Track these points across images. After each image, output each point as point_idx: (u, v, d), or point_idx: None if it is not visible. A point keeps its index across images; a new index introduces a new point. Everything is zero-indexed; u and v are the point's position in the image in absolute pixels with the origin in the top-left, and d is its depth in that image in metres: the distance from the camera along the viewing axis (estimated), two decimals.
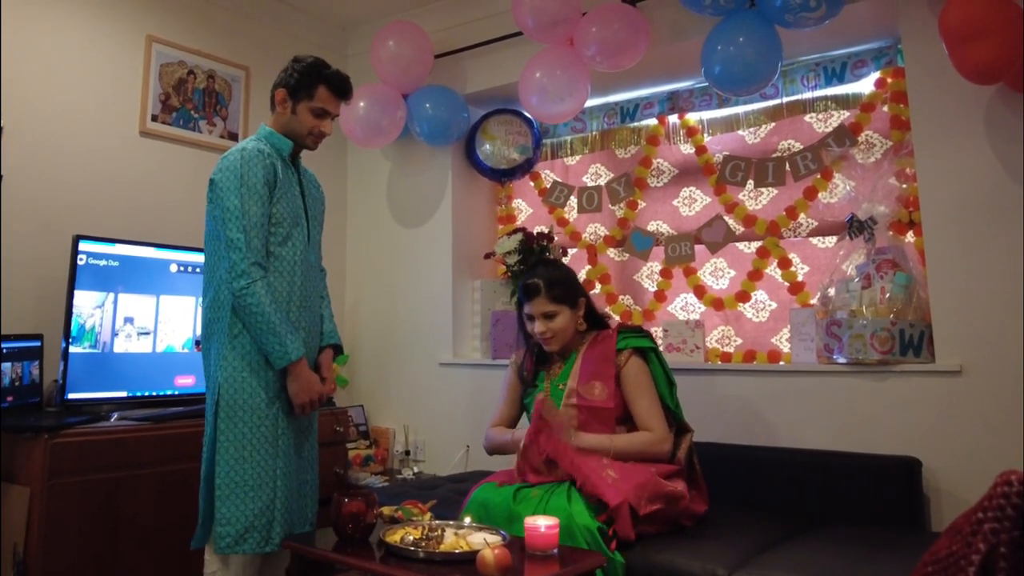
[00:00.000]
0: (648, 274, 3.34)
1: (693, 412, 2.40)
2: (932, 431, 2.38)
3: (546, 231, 3.37)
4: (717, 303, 3.08)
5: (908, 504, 2.28)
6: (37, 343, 2.58)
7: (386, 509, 1.93)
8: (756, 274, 3.00)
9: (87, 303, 2.63)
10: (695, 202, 3.25)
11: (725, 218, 3.02)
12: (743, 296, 3.03)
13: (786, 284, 2.93)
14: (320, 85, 2.18)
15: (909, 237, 2.65)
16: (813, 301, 2.79)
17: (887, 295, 2.46)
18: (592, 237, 3.50)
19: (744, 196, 3.09)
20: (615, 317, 3.31)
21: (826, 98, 2.93)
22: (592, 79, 3.06)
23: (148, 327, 2.80)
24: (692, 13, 2.71)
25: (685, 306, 3.22)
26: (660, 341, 3.02)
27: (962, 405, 2.34)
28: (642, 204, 3.37)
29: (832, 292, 2.61)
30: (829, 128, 2.91)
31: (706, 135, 3.21)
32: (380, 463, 3.54)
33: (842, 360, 2.52)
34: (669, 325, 3.00)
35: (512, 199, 3.80)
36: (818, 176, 2.85)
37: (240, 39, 3.51)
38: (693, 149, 3.23)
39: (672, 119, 3.30)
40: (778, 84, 2.96)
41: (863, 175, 2.72)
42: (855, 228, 2.61)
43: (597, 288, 3.42)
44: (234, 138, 3.40)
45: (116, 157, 3.01)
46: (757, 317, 3.03)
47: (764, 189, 3.02)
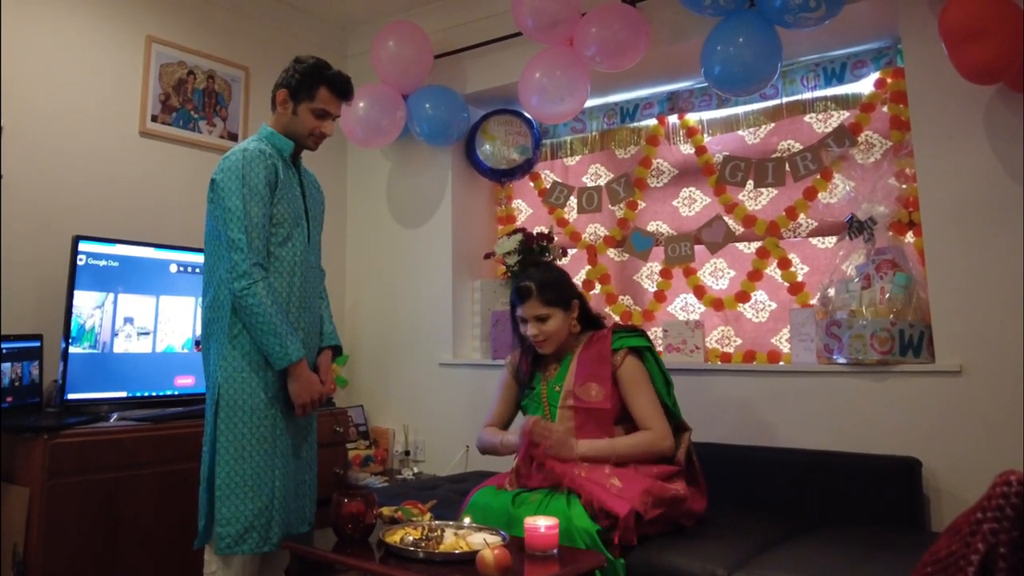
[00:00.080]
0: (648, 274, 3.34)
1: (693, 412, 2.40)
2: (932, 431, 2.38)
3: (546, 231, 3.38)
4: (717, 303, 3.08)
5: (908, 504, 2.28)
6: (37, 343, 2.58)
7: (386, 509, 1.93)
8: (756, 274, 3.00)
9: (87, 303, 2.63)
10: (695, 202, 3.25)
11: (725, 218, 3.02)
12: (743, 296, 3.03)
13: (786, 284, 2.93)
14: (321, 86, 2.18)
15: (909, 237, 2.65)
16: (813, 301, 2.79)
17: (887, 295, 2.46)
18: (592, 237, 3.50)
19: (744, 196, 3.09)
20: (615, 318, 3.32)
21: (826, 98, 2.93)
22: (592, 79, 3.06)
23: (148, 327, 2.80)
24: (692, 13, 2.71)
25: (685, 306, 3.22)
26: (660, 341, 3.02)
27: (962, 405, 2.34)
28: (642, 204, 3.37)
29: (832, 292, 2.61)
30: (829, 128, 2.91)
31: (706, 135, 3.21)
32: (380, 463, 3.54)
33: (842, 360, 2.52)
34: (669, 325, 3.00)
35: (512, 199, 3.80)
36: (818, 176, 2.85)
37: (240, 39, 3.51)
38: (693, 149, 3.23)
39: (672, 119, 3.30)
40: (778, 84, 2.96)
41: (863, 175, 2.72)
42: (855, 228, 2.61)
43: (597, 288, 3.42)
44: (234, 138, 3.40)
45: (116, 157, 3.01)
46: (757, 317, 3.03)
47: (764, 189, 3.02)
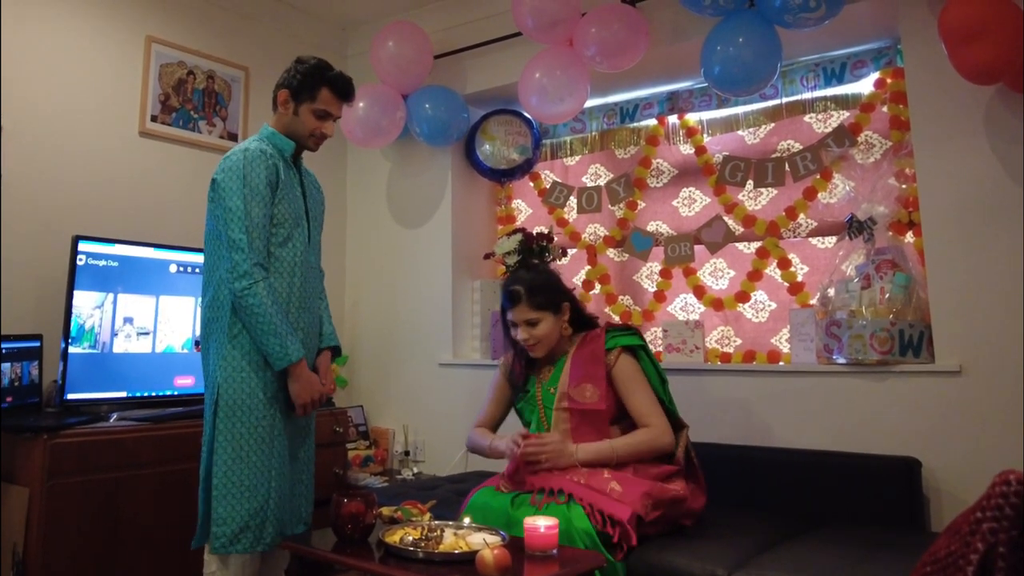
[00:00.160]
0: (648, 274, 3.34)
1: (693, 412, 2.40)
2: (931, 431, 2.38)
3: (546, 231, 3.37)
4: (717, 303, 3.08)
5: (908, 504, 2.28)
6: (36, 343, 2.58)
7: (385, 509, 1.93)
8: (756, 274, 3.00)
9: (86, 303, 2.63)
10: (695, 202, 3.25)
11: (725, 218, 3.02)
12: (743, 296, 3.02)
13: (786, 284, 2.93)
14: (323, 87, 2.17)
15: (908, 237, 2.65)
16: (813, 301, 2.79)
17: (887, 295, 2.46)
18: (592, 237, 3.50)
19: (744, 196, 3.09)
20: (615, 318, 3.32)
21: (826, 98, 2.93)
22: (592, 79, 3.06)
23: (147, 327, 2.80)
24: (692, 13, 2.71)
25: (685, 306, 3.22)
26: (660, 341, 3.02)
27: (961, 405, 2.34)
28: (642, 204, 3.37)
29: (832, 292, 2.61)
30: (829, 128, 2.91)
31: (706, 135, 3.21)
32: (380, 463, 3.54)
33: (842, 360, 2.52)
34: (669, 325, 3.00)
35: (512, 199, 3.80)
36: (818, 176, 2.85)
37: (240, 39, 3.51)
38: (693, 149, 3.23)
39: (672, 119, 3.30)
40: (778, 84, 2.96)
41: (863, 175, 2.72)
42: (855, 228, 2.61)
43: (597, 288, 3.43)
44: (233, 138, 3.40)
45: (116, 157, 3.01)
46: (757, 317, 3.02)
47: (764, 189, 3.02)
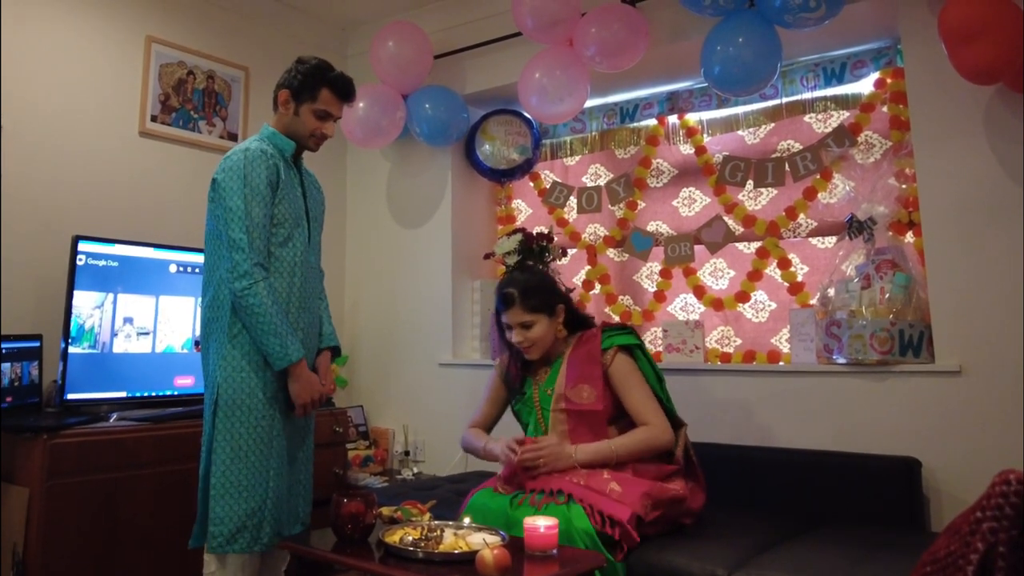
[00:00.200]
0: (648, 274, 3.34)
1: (692, 413, 2.40)
2: (931, 431, 2.38)
3: (546, 231, 3.37)
4: (717, 303, 3.08)
5: (908, 504, 2.28)
6: (36, 343, 2.58)
7: (385, 509, 1.93)
8: (756, 274, 3.00)
9: (86, 303, 2.63)
10: (695, 202, 3.25)
11: (725, 218, 3.02)
12: (743, 296, 3.02)
13: (786, 284, 2.93)
14: (324, 87, 2.17)
15: (909, 237, 2.65)
16: (813, 301, 2.78)
17: (886, 295, 2.45)
18: (592, 237, 3.50)
19: (744, 196, 3.08)
20: (615, 318, 3.32)
21: (825, 98, 2.93)
22: (592, 79, 3.06)
23: (147, 327, 2.80)
24: (692, 13, 2.71)
25: (685, 306, 3.22)
26: (660, 341, 3.02)
27: (961, 405, 2.34)
28: (642, 204, 3.37)
29: (832, 292, 2.61)
30: (829, 128, 2.91)
31: (706, 135, 3.21)
32: (379, 463, 3.54)
33: (842, 360, 2.52)
34: (669, 325, 2.99)
35: (512, 199, 3.80)
36: (817, 176, 2.85)
37: (239, 39, 3.51)
38: (693, 149, 3.23)
39: (672, 119, 3.30)
40: (777, 84, 2.96)
41: (862, 175, 2.72)
42: (855, 228, 2.61)
43: (597, 288, 3.42)
44: (233, 138, 3.40)
45: (116, 157, 3.01)
46: (757, 317, 3.02)
47: (764, 189, 3.02)
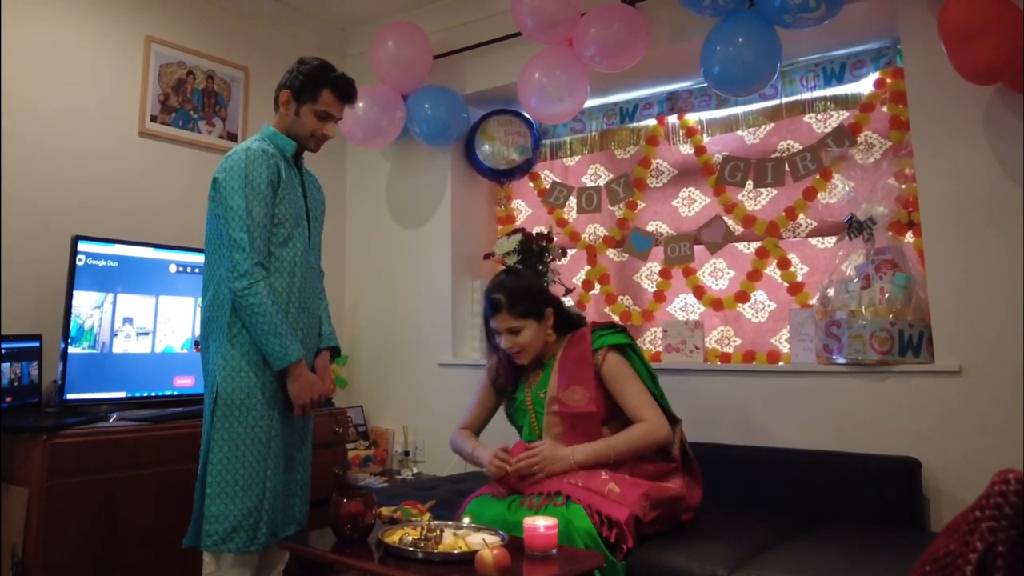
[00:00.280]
0: (647, 274, 3.34)
1: (692, 413, 2.40)
2: (931, 431, 2.38)
3: (545, 232, 3.37)
4: (716, 303, 3.08)
5: (907, 504, 2.28)
6: (36, 343, 2.58)
7: (385, 510, 1.93)
8: (755, 274, 3.00)
9: (86, 303, 2.63)
10: (694, 202, 3.25)
11: (724, 218, 3.02)
12: (742, 296, 3.02)
13: (785, 284, 2.93)
14: (325, 88, 2.17)
15: (908, 237, 2.65)
16: (812, 301, 2.78)
17: (886, 295, 2.45)
18: (591, 237, 3.50)
19: (743, 196, 3.08)
20: (615, 318, 3.31)
21: (825, 98, 2.93)
22: (591, 79, 3.06)
23: (147, 327, 2.80)
24: (691, 13, 2.71)
25: (684, 306, 3.22)
26: (660, 341, 3.02)
27: (961, 405, 2.34)
28: (641, 204, 3.37)
29: (831, 292, 2.61)
30: (828, 128, 2.91)
31: (705, 135, 3.21)
32: (379, 464, 3.53)
33: (841, 360, 2.52)
34: (668, 325, 2.99)
35: (511, 199, 3.80)
36: (817, 176, 2.85)
37: (239, 40, 3.51)
38: (692, 149, 3.23)
39: (671, 119, 3.30)
40: (777, 84, 2.96)
41: (862, 175, 2.72)
42: (854, 228, 2.61)
43: (596, 288, 3.42)
44: (233, 138, 3.40)
45: (115, 157, 3.01)
46: (756, 317, 3.02)
47: (763, 189, 3.02)
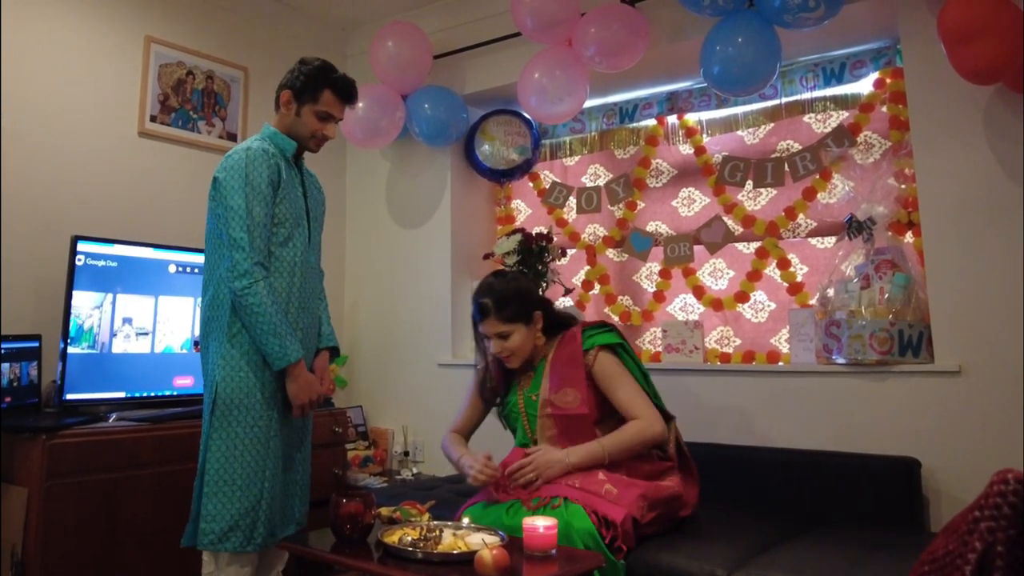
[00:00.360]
0: (647, 275, 3.34)
1: (692, 413, 2.40)
2: (931, 432, 2.38)
3: (545, 232, 3.37)
4: (716, 304, 3.08)
5: (907, 504, 2.28)
6: (35, 344, 2.58)
7: (384, 510, 1.93)
8: (755, 274, 3.00)
9: (85, 303, 2.63)
10: (694, 202, 3.25)
11: (724, 218, 3.02)
12: (742, 297, 3.02)
13: (785, 284, 2.93)
14: (326, 89, 2.16)
15: (908, 237, 2.65)
16: (812, 302, 2.78)
17: (886, 295, 2.45)
18: (591, 238, 3.50)
19: (743, 196, 3.08)
20: (614, 318, 3.31)
21: (825, 98, 2.93)
22: (591, 80, 3.06)
23: (147, 327, 2.80)
24: (691, 13, 2.71)
25: (684, 307, 3.22)
26: (659, 342, 3.02)
27: (961, 406, 2.34)
28: (641, 205, 3.37)
29: (831, 292, 2.61)
30: (828, 128, 2.91)
31: (705, 136, 3.21)
32: (379, 464, 3.53)
33: (841, 361, 2.52)
34: (668, 326, 2.99)
35: (511, 199, 3.80)
36: (817, 176, 2.85)
37: (239, 40, 3.51)
38: (692, 150, 3.23)
39: (671, 120, 3.30)
40: (777, 85, 2.96)
41: (862, 175, 2.72)
42: (854, 228, 2.61)
43: (596, 289, 3.42)
44: (233, 138, 3.40)
45: (115, 158, 3.01)
46: (756, 318, 3.02)
47: (763, 189, 3.02)
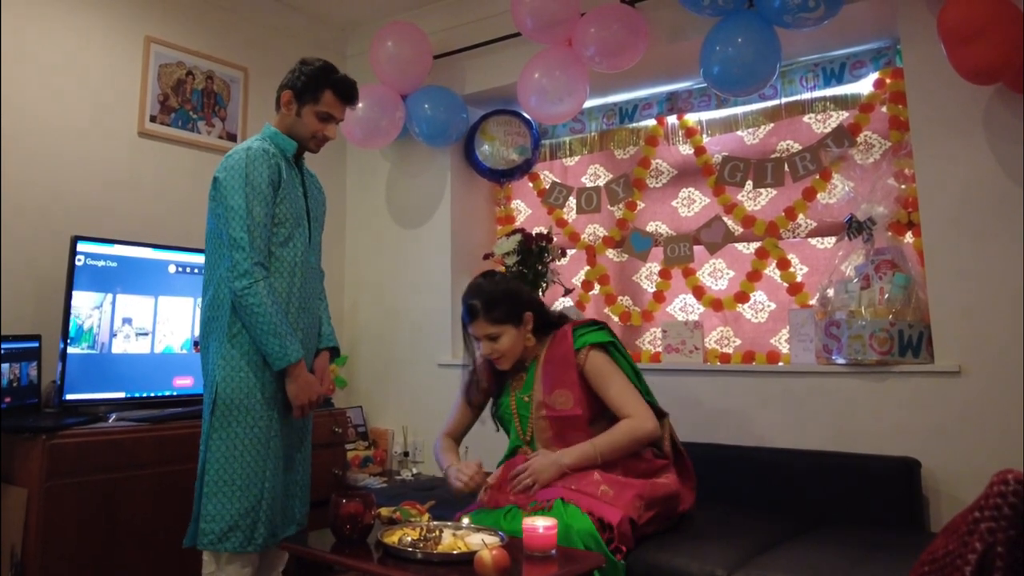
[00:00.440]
0: (647, 275, 3.34)
1: (692, 413, 2.40)
2: (931, 432, 2.38)
3: (545, 232, 3.37)
4: (716, 304, 3.08)
5: (907, 505, 2.28)
6: (35, 344, 2.57)
7: (384, 510, 1.93)
8: (755, 275, 3.00)
9: (85, 304, 2.62)
10: (694, 203, 3.25)
11: (724, 219, 3.02)
12: (742, 297, 3.02)
13: (785, 285, 2.93)
14: (327, 90, 2.16)
15: (908, 238, 2.65)
16: (812, 302, 2.78)
17: (886, 296, 2.45)
18: (591, 238, 3.50)
19: (743, 197, 3.08)
20: (614, 318, 3.31)
21: (825, 99, 2.93)
22: (591, 80, 3.06)
23: (146, 328, 2.80)
24: (691, 13, 2.71)
25: (684, 307, 3.22)
26: (659, 342, 3.02)
27: (961, 406, 2.34)
28: (641, 205, 3.37)
29: (831, 293, 2.61)
30: (828, 129, 2.91)
31: (705, 136, 3.21)
32: (379, 464, 3.53)
33: (841, 361, 2.52)
34: (668, 326, 2.99)
35: (511, 200, 3.80)
36: (817, 177, 2.85)
37: (239, 40, 3.51)
38: (692, 150, 3.23)
39: (671, 120, 3.30)
40: (777, 85, 2.96)
41: (862, 176, 2.72)
42: (854, 229, 2.61)
43: (596, 289, 3.42)
44: (232, 139, 3.40)
45: (115, 158, 3.01)
46: (756, 318, 3.02)
47: (763, 190, 3.02)
